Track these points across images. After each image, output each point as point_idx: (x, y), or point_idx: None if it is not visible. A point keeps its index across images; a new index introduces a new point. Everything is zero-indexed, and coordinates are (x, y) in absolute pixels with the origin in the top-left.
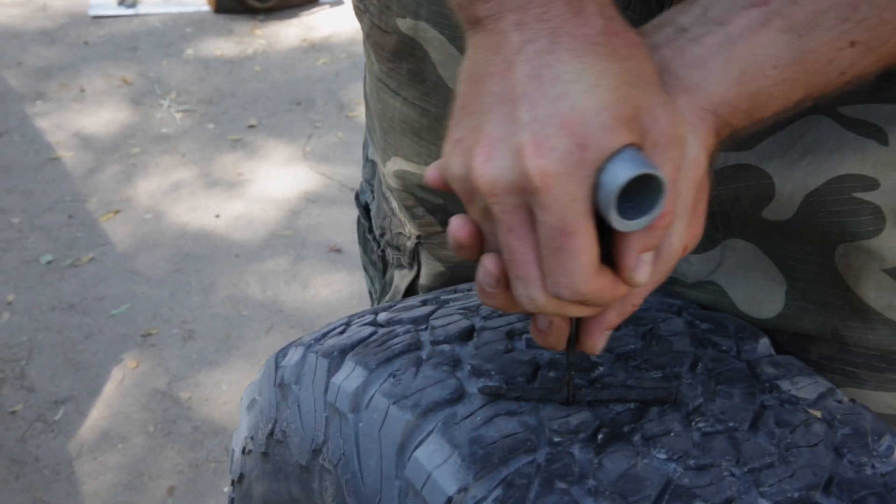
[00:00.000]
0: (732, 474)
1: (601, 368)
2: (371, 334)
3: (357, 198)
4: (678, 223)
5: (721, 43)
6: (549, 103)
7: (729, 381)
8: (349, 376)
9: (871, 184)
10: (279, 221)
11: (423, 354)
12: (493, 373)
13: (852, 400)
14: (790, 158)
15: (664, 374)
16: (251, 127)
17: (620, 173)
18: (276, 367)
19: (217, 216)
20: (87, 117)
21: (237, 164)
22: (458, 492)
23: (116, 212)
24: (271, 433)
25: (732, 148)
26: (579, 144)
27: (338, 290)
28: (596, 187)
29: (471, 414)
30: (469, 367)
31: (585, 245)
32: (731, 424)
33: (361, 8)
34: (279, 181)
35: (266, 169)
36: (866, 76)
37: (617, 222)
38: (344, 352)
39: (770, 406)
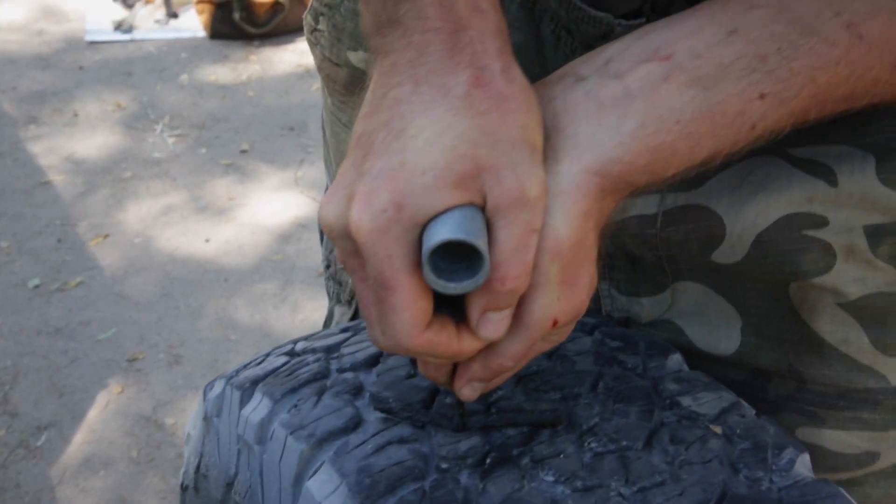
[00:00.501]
0: (620, 494)
1: (499, 392)
2: (284, 364)
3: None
4: (541, 295)
5: (618, 98)
6: (387, 156)
7: (628, 400)
8: (256, 407)
9: (821, 221)
10: (269, 246)
11: (328, 383)
12: (390, 400)
13: (757, 414)
14: (739, 198)
15: (563, 394)
16: (243, 152)
17: (434, 236)
18: (204, 400)
19: (207, 241)
20: (79, 141)
21: (229, 188)
22: None
23: (106, 236)
24: (197, 468)
25: (680, 188)
26: (396, 203)
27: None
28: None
29: (363, 443)
30: (368, 394)
31: (405, 301)
32: (624, 443)
33: (313, 41)
34: (270, 206)
35: (258, 194)
36: (779, 130)
37: (433, 283)
38: (255, 382)
39: (667, 423)
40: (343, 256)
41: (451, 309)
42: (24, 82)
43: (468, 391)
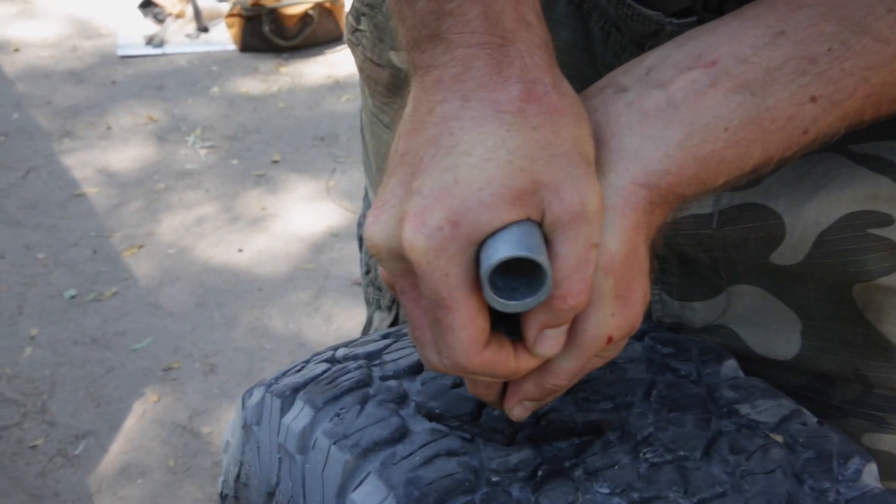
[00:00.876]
0: None
1: (549, 403)
2: (325, 371)
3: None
4: (595, 312)
5: (661, 108)
6: (438, 174)
7: (683, 408)
8: (297, 416)
9: (886, 219)
10: (302, 255)
11: (371, 391)
12: (437, 410)
13: (819, 422)
14: (799, 196)
15: (614, 404)
16: (275, 162)
17: (494, 254)
18: (243, 408)
19: (240, 250)
20: (112, 154)
21: (261, 198)
22: None
23: (140, 247)
24: (237, 476)
25: (737, 187)
26: (451, 221)
27: (360, 324)
28: (479, 263)
29: (410, 454)
30: (414, 403)
31: (463, 321)
32: (682, 453)
33: (354, 41)
34: (303, 216)
35: (290, 204)
36: (833, 133)
37: (493, 301)
38: (296, 390)
39: (726, 432)
40: (391, 278)
41: (505, 327)
42: (58, 97)
43: (519, 410)
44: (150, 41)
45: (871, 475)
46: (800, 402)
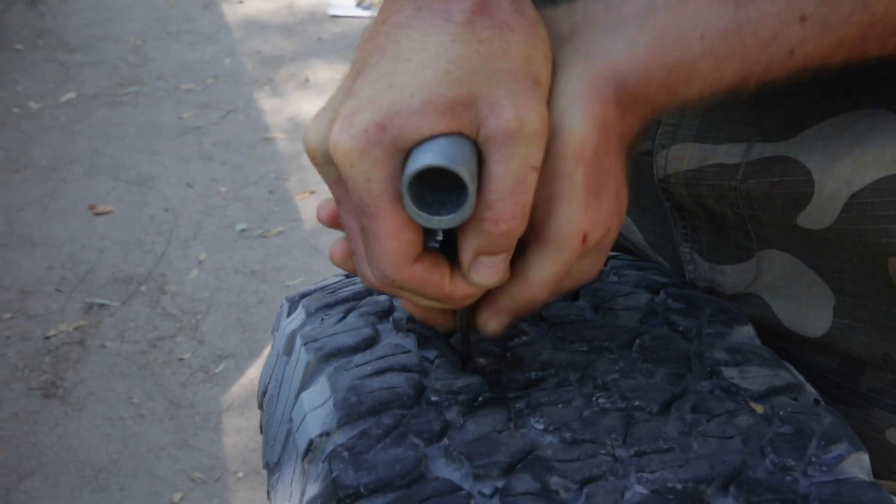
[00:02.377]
0: (612, 454)
1: (524, 338)
2: (335, 282)
3: None
4: (567, 205)
5: (640, 12)
6: (375, 78)
7: (660, 361)
8: (293, 320)
9: None
10: None
11: (361, 303)
12: (412, 325)
13: (817, 400)
14: (834, 151)
15: (590, 347)
16: None
17: (414, 162)
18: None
19: None
20: (305, 105)
21: None
22: (320, 435)
23: (312, 192)
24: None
25: (770, 137)
26: (378, 124)
27: None
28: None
29: (365, 363)
30: (393, 319)
31: (388, 230)
32: (637, 403)
33: None
34: None
35: None
36: (826, 61)
37: (413, 214)
38: (303, 296)
39: (697, 391)
40: (329, 185)
41: (451, 251)
42: (267, 47)
43: (494, 324)
44: (360, 3)
45: (858, 466)
46: (826, 389)
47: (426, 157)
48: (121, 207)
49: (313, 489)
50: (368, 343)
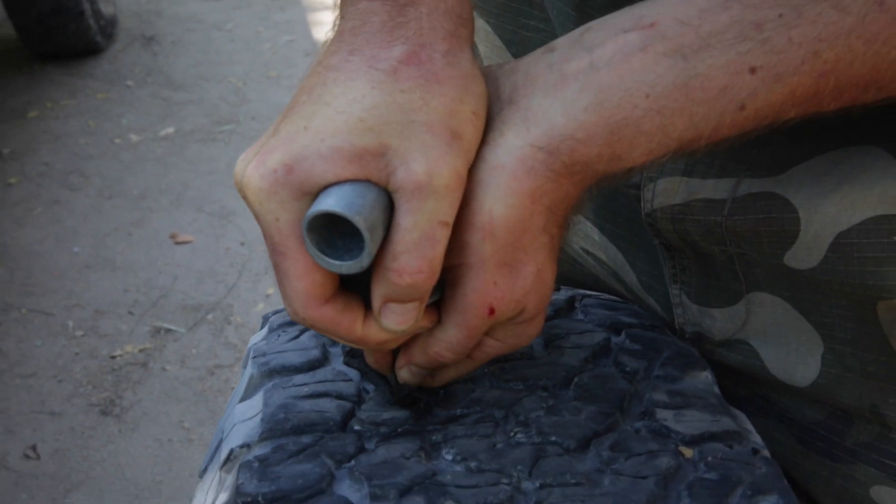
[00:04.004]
0: (514, 485)
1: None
2: None
3: None
4: (474, 277)
5: (582, 70)
6: (296, 119)
7: (592, 400)
8: (258, 334)
9: None
10: None
11: None
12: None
13: (755, 449)
14: (822, 189)
15: (525, 385)
16: None
17: (315, 206)
18: None
19: None
20: None
21: None
22: (241, 447)
23: None
24: None
25: (759, 174)
26: (286, 165)
27: None
28: None
29: (303, 384)
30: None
31: (297, 270)
32: (553, 439)
33: None
34: None
35: None
36: (779, 115)
37: (315, 256)
38: (275, 313)
39: (621, 430)
40: (256, 217)
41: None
42: None
43: (406, 374)
44: None
45: None
46: (812, 442)
47: (325, 203)
48: (200, 238)
49: (223, 497)
50: (313, 365)
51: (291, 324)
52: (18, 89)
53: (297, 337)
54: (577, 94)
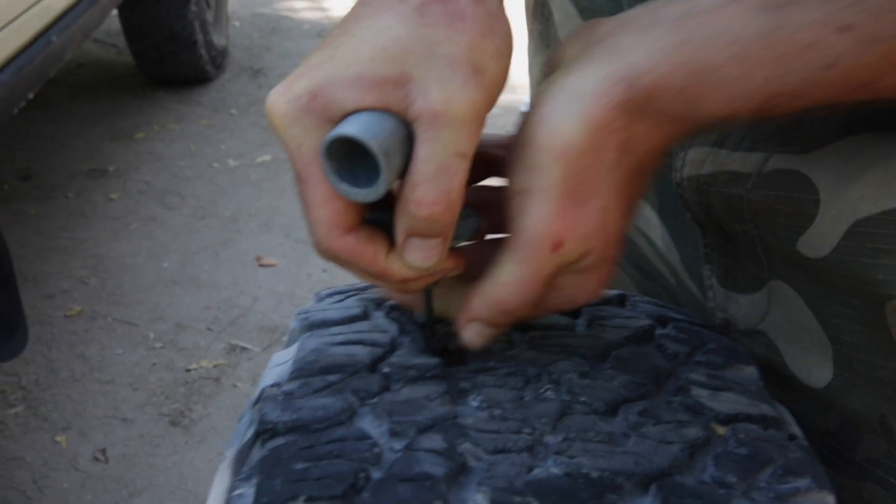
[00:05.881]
0: (535, 435)
1: (518, 334)
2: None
3: None
4: (536, 202)
5: (676, 16)
6: (324, 49)
7: (627, 371)
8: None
9: None
10: None
11: (368, 292)
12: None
13: (791, 437)
14: (847, 173)
15: (562, 351)
16: None
17: (333, 131)
18: None
19: None
20: None
21: None
22: (272, 385)
23: None
24: None
25: (787, 149)
26: (311, 92)
27: None
28: None
29: (339, 333)
30: (386, 307)
31: (318, 197)
32: (582, 399)
33: None
34: None
35: None
36: (872, 80)
37: (334, 183)
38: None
39: (654, 399)
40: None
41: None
42: None
43: (470, 333)
44: None
45: None
46: (825, 455)
47: (342, 128)
48: (284, 262)
49: (250, 430)
50: (352, 320)
51: (339, 292)
52: (130, 112)
53: (341, 301)
54: (664, 35)
